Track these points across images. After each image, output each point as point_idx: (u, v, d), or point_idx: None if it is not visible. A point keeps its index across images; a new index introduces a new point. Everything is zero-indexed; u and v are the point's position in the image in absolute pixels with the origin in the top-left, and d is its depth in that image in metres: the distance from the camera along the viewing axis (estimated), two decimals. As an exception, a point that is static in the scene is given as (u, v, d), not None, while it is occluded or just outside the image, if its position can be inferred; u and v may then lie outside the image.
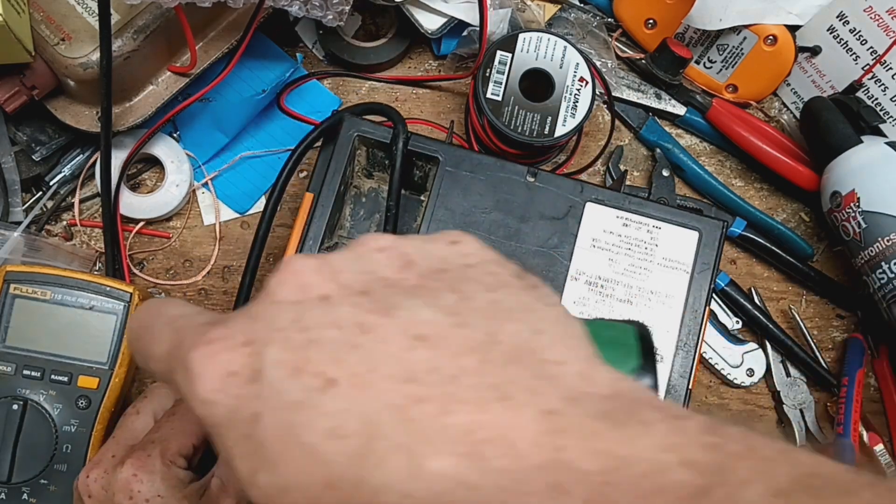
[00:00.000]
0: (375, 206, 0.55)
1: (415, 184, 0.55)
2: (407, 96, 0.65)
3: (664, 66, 0.64)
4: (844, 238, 0.59)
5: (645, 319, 0.52)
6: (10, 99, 0.54)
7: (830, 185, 0.60)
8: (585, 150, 0.65)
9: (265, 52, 0.63)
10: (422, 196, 0.55)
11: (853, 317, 0.65)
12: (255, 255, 0.54)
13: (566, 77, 0.59)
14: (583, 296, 0.52)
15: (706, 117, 0.65)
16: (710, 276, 0.53)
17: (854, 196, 0.57)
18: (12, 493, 0.50)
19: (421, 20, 0.62)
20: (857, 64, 0.62)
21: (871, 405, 0.63)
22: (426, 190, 0.54)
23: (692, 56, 0.64)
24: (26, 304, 0.51)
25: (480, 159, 0.54)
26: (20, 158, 0.59)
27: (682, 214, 0.54)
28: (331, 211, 0.52)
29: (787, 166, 0.63)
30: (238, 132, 0.62)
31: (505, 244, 0.53)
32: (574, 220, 0.53)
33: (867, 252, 0.57)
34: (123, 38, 0.54)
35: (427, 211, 0.53)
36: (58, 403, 0.51)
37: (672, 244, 0.53)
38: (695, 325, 0.52)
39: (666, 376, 0.52)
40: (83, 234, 0.60)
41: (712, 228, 0.54)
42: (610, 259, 0.53)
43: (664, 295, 0.53)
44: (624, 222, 0.53)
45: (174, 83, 0.58)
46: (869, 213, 0.57)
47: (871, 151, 0.59)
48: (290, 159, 0.54)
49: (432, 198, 0.53)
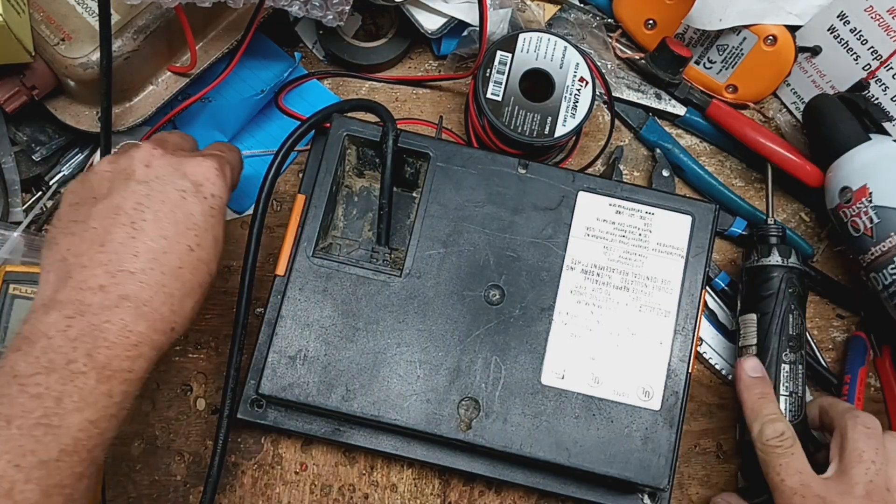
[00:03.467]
0: (368, 204, 0.55)
1: (406, 181, 0.55)
2: (407, 96, 0.65)
3: (664, 65, 0.64)
4: (853, 234, 0.59)
5: (642, 305, 0.52)
6: (10, 99, 0.54)
7: (839, 181, 0.60)
8: (585, 150, 0.65)
9: (265, 52, 0.63)
10: (414, 192, 0.55)
11: (853, 317, 0.65)
12: (251, 253, 0.54)
13: (566, 77, 0.59)
14: (579, 285, 0.53)
15: (705, 115, 0.65)
16: (704, 259, 0.53)
17: (866, 191, 0.57)
18: (12, 494, 0.50)
19: (421, 20, 0.62)
20: (858, 64, 0.62)
21: (871, 405, 0.63)
22: (418, 186, 0.54)
23: (692, 55, 0.64)
24: (26, 304, 0.51)
25: (471, 153, 0.54)
26: (20, 158, 0.59)
27: (674, 199, 0.54)
28: (323, 212, 0.52)
29: (791, 162, 0.63)
30: (237, 132, 0.62)
31: (499, 237, 0.53)
32: (567, 209, 0.53)
33: (879, 247, 0.57)
34: (123, 38, 0.54)
35: (420, 207, 0.53)
36: (57, 403, 0.51)
37: (666, 229, 0.53)
38: (692, 309, 0.53)
39: (666, 361, 0.52)
40: (83, 234, 0.60)
41: (705, 212, 0.54)
42: (605, 247, 0.53)
43: (660, 280, 0.53)
44: (617, 210, 0.54)
45: (174, 83, 0.58)
46: (882, 207, 0.57)
47: (882, 147, 0.59)
48: (278, 155, 0.54)
49: (424, 193, 0.53)
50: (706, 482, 0.61)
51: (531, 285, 0.52)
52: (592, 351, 0.52)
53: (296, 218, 0.53)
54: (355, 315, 0.51)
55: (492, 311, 0.52)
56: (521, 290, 0.52)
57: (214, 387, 0.59)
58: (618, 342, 0.52)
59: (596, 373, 0.51)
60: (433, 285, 0.52)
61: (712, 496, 0.59)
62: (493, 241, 0.53)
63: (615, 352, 0.52)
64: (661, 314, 0.53)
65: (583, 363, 0.52)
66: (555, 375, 0.51)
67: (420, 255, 0.52)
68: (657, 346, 0.52)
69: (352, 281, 0.51)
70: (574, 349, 0.52)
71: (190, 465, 0.57)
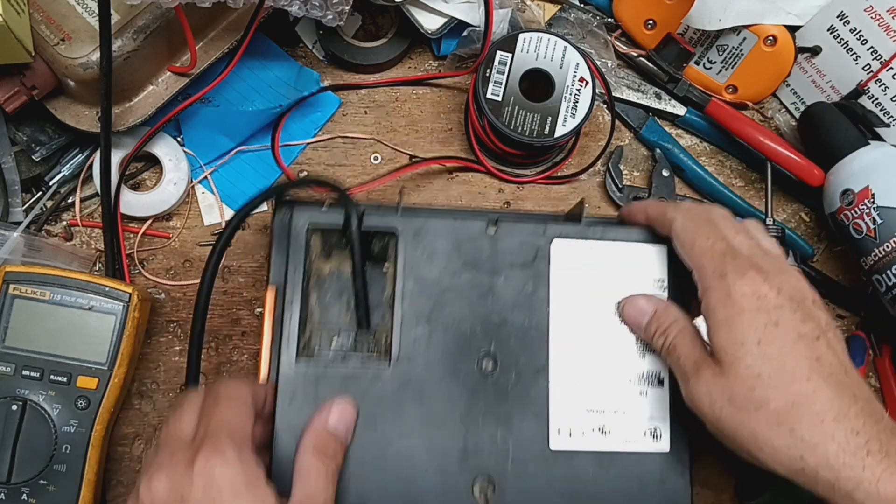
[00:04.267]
0: (340, 285, 0.52)
1: (376, 255, 0.53)
2: (407, 96, 0.65)
3: (669, 58, 0.64)
4: (856, 237, 0.59)
5: (636, 347, 0.51)
6: (10, 99, 0.54)
7: (840, 184, 0.60)
8: (585, 150, 0.65)
9: (265, 52, 0.63)
10: (385, 265, 0.52)
11: (853, 317, 0.65)
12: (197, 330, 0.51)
13: (566, 77, 0.59)
14: (570, 336, 0.51)
15: (704, 112, 0.65)
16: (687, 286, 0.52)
17: (868, 192, 0.57)
18: (12, 494, 0.50)
19: (421, 20, 0.62)
20: (858, 64, 0.62)
21: (871, 405, 0.63)
22: (388, 259, 0.52)
23: (695, 50, 0.64)
24: (26, 304, 0.51)
25: (437, 223, 0.51)
26: (20, 158, 0.59)
27: (645, 233, 0.52)
28: (300, 310, 0.50)
29: (792, 161, 0.63)
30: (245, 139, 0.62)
31: (482, 303, 0.51)
32: (543, 261, 0.52)
33: (882, 248, 0.57)
34: (123, 38, 0.54)
35: (397, 287, 0.51)
36: (57, 404, 0.51)
37: (644, 262, 0.52)
38: None
39: (667, 398, 0.51)
40: (83, 234, 0.60)
41: None
42: (588, 293, 0.52)
43: None
44: (593, 252, 0.52)
45: (174, 83, 0.58)
46: (885, 208, 0.57)
47: (883, 149, 0.59)
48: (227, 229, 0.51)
49: (399, 273, 0.51)
50: (706, 482, 0.61)
51: (522, 347, 0.51)
52: (595, 402, 0.50)
53: (269, 315, 0.50)
54: None
55: (488, 382, 0.50)
56: (514, 354, 0.50)
57: (214, 387, 0.59)
58: (618, 388, 0.51)
59: (602, 424, 0.50)
60: (424, 367, 0.50)
61: (712, 496, 0.59)
62: (476, 308, 0.51)
63: (617, 398, 0.51)
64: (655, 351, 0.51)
65: (587, 417, 0.50)
66: (562, 436, 0.50)
67: (406, 339, 0.50)
68: (657, 385, 0.51)
69: (342, 380, 0.49)
70: (576, 404, 0.50)
71: (190, 465, 0.57)
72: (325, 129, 0.64)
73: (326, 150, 0.63)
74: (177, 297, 0.60)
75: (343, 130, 0.64)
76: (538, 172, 0.64)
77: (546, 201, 0.64)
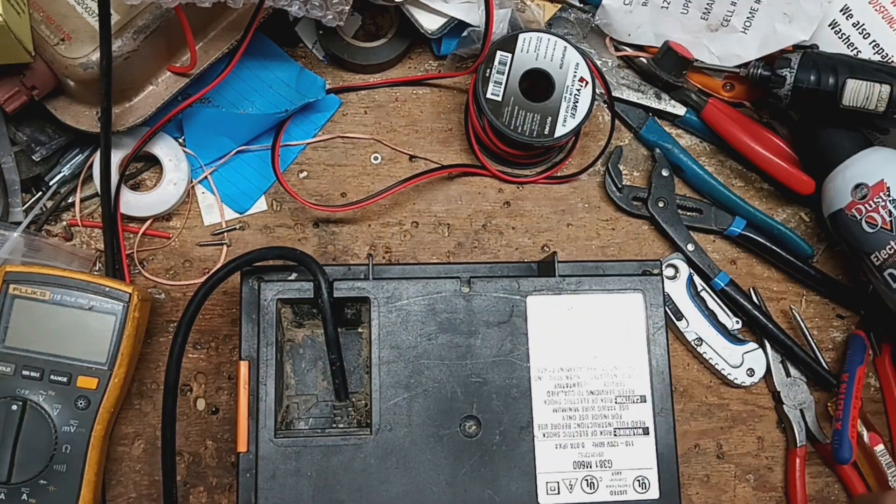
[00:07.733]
0: (314, 352, 0.53)
1: (349, 320, 0.53)
2: (407, 96, 0.65)
3: (668, 67, 0.64)
4: (868, 231, 0.58)
5: (616, 397, 0.51)
6: (10, 99, 0.54)
7: (851, 179, 0.59)
8: (585, 150, 0.65)
9: (265, 53, 0.63)
10: (359, 328, 0.53)
11: (853, 317, 0.65)
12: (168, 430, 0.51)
13: (566, 77, 0.59)
14: (551, 392, 0.51)
15: (700, 117, 0.65)
16: (664, 335, 0.52)
17: (884, 185, 0.57)
18: (12, 494, 0.50)
19: (421, 20, 0.62)
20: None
21: (871, 405, 0.63)
22: (362, 322, 0.52)
23: (693, 57, 0.63)
24: (26, 304, 0.51)
25: (409, 286, 0.51)
26: (20, 158, 0.59)
27: (619, 281, 0.53)
28: (275, 384, 0.50)
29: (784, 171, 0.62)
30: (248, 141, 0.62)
31: (460, 364, 0.51)
32: (520, 318, 0.52)
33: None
34: (123, 38, 0.54)
35: (373, 354, 0.50)
36: (57, 404, 0.51)
37: (620, 313, 0.52)
38: (664, 388, 0.52)
39: (653, 446, 0.51)
40: (83, 234, 0.60)
41: (653, 285, 0.53)
42: (566, 347, 0.52)
43: (627, 367, 0.52)
44: (568, 306, 0.52)
45: (174, 83, 0.58)
46: None
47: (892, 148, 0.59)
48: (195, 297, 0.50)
49: (374, 340, 0.51)
50: (706, 482, 0.61)
51: (505, 406, 0.51)
52: (580, 456, 0.51)
53: (244, 388, 0.50)
54: (335, 488, 0.49)
55: (472, 444, 0.50)
56: (496, 414, 0.50)
57: (214, 387, 0.59)
58: (602, 440, 0.51)
59: (589, 478, 0.50)
60: (406, 434, 0.50)
61: (712, 496, 0.59)
62: (455, 371, 0.51)
63: (603, 451, 0.51)
64: (637, 400, 0.52)
65: (574, 472, 0.50)
66: (550, 494, 0.50)
67: (385, 407, 0.50)
68: (641, 434, 0.51)
69: (323, 453, 0.49)
70: (562, 460, 0.50)
71: (189, 465, 0.57)
72: (325, 129, 0.64)
73: (326, 150, 0.63)
74: (177, 297, 0.60)
75: (343, 130, 0.64)
76: (538, 172, 0.64)
77: (546, 201, 0.64)
